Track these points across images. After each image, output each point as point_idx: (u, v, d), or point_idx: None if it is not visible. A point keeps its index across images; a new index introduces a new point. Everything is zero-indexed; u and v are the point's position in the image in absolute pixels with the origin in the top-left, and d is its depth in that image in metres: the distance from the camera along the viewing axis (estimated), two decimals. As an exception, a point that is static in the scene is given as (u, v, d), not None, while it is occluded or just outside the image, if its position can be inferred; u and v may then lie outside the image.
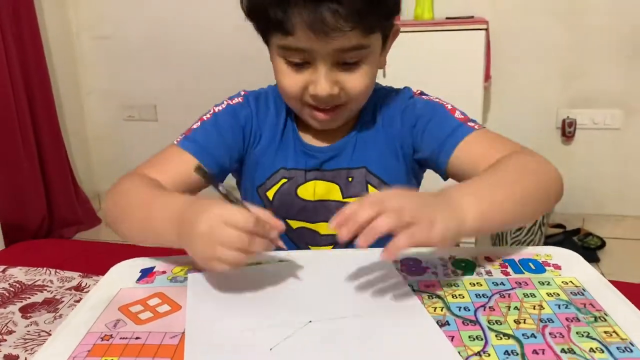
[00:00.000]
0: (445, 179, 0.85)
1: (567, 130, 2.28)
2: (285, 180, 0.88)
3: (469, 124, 0.82)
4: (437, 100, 0.87)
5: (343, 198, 0.87)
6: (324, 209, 0.88)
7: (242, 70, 2.48)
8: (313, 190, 0.88)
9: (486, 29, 2.00)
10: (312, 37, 0.69)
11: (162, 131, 2.69)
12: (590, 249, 2.22)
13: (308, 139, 0.88)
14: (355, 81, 0.77)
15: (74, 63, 2.71)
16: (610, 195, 2.37)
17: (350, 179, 0.87)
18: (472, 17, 2.16)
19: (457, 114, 0.84)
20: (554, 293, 0.64)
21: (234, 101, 0.89)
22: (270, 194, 0.88)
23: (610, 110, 2.26)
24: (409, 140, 0.87)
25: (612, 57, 2.21)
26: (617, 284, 0.66)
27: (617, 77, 2.22)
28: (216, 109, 0.88)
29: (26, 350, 0.79)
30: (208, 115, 0.87)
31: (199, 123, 0.87)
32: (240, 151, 0.89)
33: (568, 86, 2.28)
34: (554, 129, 2.34)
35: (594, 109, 2.27)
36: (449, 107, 0.86)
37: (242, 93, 0.91)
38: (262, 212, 0.60)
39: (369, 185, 0.87)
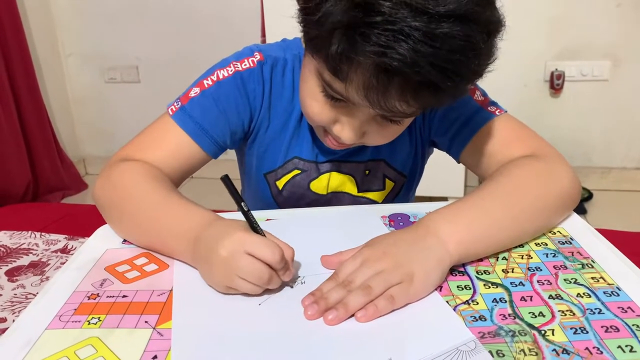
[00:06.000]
0: (458, 162, 0.80)
1: (556, 83, 2.27)
2: (299, 171, 0.81)
3: (489, 108, 0.75)
4: None
5: (358, 192, 0.83)
6: (336, 202, 0.84)
7: (225, 29, 2.42)
8: (327, 183, 0.82)
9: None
10: (363, 100, 0.57)
11: (145, 93, 2.64)
12: (577, 201, 2.24)
13: None
14: (382, 138, 0.68)
15: (52, 25, 2.62)
16: (597, 147, 2.38)
17: (367, 172, 0.82)
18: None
19: (477, 95, 0.76)
20: (541, 243, 0.64)
21: (243, 65, 0.75)
22: (280, 183, 0.82)
23: (599, 62, 2.24)
24: (427, 121, 0.80)
25: (600, 8, 2.17)
26: (603, 232, 0.67)
27: (606, 27, 2.19)
28: (220, 75, 0.74)
29: (13, 313, 0.79)
30: (209, 82, 0.74)
31: (198, 90, 0.74)
32: (244, 130, 0.78)
33: (556, 38, 2.25)
34: (542, 81, 2.32)
35: (582, 61, 2.25)
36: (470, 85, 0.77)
37: (257, 56, 0.76)
38: (283, 245, 0.55)
39: (387, 179, 0.83)
